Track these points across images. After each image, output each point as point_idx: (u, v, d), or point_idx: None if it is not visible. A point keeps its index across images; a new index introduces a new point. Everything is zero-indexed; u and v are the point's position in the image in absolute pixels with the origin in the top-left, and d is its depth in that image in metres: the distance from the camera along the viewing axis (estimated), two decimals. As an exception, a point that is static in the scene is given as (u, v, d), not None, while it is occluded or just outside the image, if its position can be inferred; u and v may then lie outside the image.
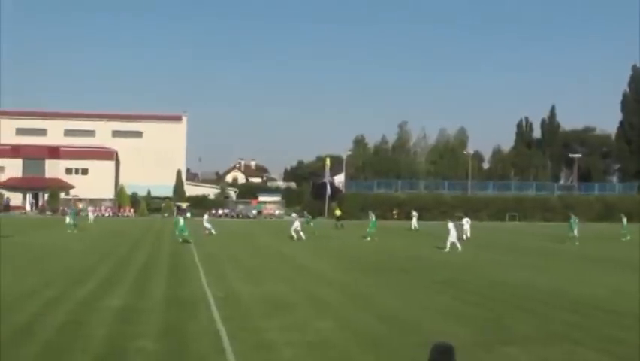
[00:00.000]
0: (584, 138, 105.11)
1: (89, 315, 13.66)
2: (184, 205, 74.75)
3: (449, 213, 55.68)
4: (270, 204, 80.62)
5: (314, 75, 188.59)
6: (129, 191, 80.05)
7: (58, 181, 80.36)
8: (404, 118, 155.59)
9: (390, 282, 19.93)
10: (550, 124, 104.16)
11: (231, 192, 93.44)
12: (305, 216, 51.14)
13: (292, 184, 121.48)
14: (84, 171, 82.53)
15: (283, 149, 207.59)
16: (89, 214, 58.03)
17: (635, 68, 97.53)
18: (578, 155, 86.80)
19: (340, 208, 58.46)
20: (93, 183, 78.94)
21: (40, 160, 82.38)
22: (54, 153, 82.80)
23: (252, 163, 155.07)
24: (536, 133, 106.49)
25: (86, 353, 10.48)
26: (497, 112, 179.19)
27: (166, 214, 70.65)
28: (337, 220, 53.93)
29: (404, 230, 48.90)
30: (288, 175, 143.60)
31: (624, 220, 45.59)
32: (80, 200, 72.44)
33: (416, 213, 52.67)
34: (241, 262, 25.44)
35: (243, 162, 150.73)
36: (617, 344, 11.73)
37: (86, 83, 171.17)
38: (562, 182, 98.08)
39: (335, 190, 79.55)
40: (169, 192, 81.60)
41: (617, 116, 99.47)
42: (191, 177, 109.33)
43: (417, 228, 49.90)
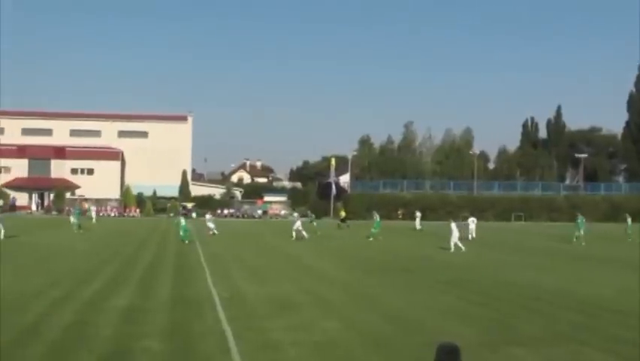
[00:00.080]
0: (590, 137, 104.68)
1: (95, 315, 13.70)
2: (190, 205, 74.89)
3: (455, 213, 55.49)
4: (275, 204, 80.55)
5: (320, 75, 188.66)
6: (135, 191, 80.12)
7: (64, 181, 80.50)
8: (410, 118, 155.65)
9: (395, 282, 19.92)
10: (556, 124, 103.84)
11: (237, 192, 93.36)
12: (308, 215, 51.20)
13: (298, 184, 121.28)
14: (90, 171, 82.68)
15: (289, 149, 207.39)
16: (92, 214, 58.14)
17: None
18: (584, 155, 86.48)
19: (345, 209, 58.30)
20: (99, 184, 79.07)
21: (46, 160, 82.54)
22: (60, 153, 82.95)
23: (258, 163, 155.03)
24: (542, 133, 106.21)
25: (91, 353, 10.51)
26: (503, 112, 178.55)
27: (172, 214, 70.65)
28: (342, 221, 53.83)
29: (408, 230, 48.85)
30: (294, 175, 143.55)
31: (629, 221, 45.51)
32: (86, 200, 72.51)
33: (419, 213, 52.63)
34: (246, 262, 25.48)
35: (248, 162, 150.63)
36: (623, 344, 11.70)
37: (91, 84, 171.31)
38: (568, 182, 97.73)
39: (340, 190, 79.40)
40: (175, 193, 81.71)
41: (623, 116, 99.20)
42: (197, 178, 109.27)
43: (420, 228, 49.91)
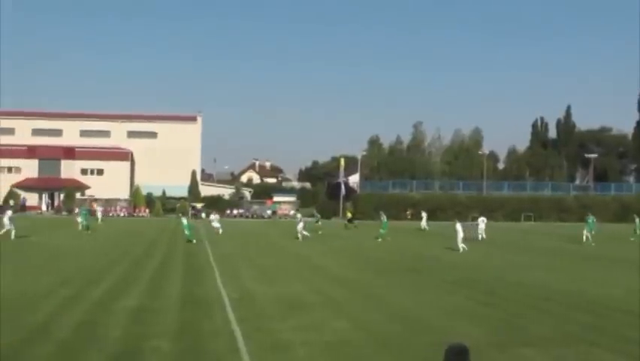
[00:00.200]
0: (599, 137, 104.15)
1: (104, 315, 13.75)
2: (199, 205, 75.02)
3: (464, 213, 55.38)
4: (284, 204, 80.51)
5: (329, 75, 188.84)
6: (144, 191, 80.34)
7: (74, 181, 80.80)
8: (419, 118, 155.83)
9: (403, 282, 19.90)
10: (565, 124, 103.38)
11: (246, 193, 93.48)
12: (314, 215, 51.36)
13: (307, 184, 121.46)
14: (99, 172, 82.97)
15: (298, 149, 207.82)
16: (98, 214, 58.02)
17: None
18: (594, 155, 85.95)
19: (354, 210, 58.19)
20: (108, 184, 79.35)
21: (56, 160, 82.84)
22: (70, 153, 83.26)
23: (267, 163, 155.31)
24: (552, 133, 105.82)
25: (101, 353, 10.55)
26: (512, 112, 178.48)
27: (181, 214, 70.73)
28: (349, 222, 53.83)
29: (416, 230, 48.85)
30: (303, 175, 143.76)
31: (637, 221, 45.39)
32: (96, 200, 72.71)
33: (425, 213, 52.56)
34: (256, 262, 25.51)
35: (257, 163, 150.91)
36: (633, 344, 11.63)
37: (101, 85, 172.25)
38: (577, 182, 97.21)
39: (350, 190, 79.32)
40: (184, 193, 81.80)
41: (634, 115, 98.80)
42: (206, 178, 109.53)
43: (425, 228, 49.89)
